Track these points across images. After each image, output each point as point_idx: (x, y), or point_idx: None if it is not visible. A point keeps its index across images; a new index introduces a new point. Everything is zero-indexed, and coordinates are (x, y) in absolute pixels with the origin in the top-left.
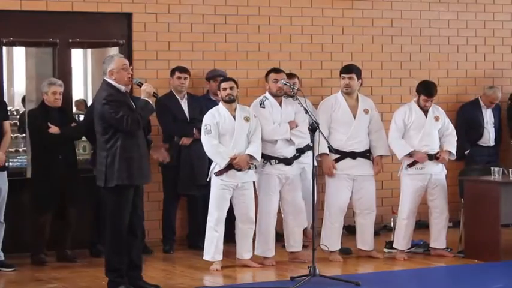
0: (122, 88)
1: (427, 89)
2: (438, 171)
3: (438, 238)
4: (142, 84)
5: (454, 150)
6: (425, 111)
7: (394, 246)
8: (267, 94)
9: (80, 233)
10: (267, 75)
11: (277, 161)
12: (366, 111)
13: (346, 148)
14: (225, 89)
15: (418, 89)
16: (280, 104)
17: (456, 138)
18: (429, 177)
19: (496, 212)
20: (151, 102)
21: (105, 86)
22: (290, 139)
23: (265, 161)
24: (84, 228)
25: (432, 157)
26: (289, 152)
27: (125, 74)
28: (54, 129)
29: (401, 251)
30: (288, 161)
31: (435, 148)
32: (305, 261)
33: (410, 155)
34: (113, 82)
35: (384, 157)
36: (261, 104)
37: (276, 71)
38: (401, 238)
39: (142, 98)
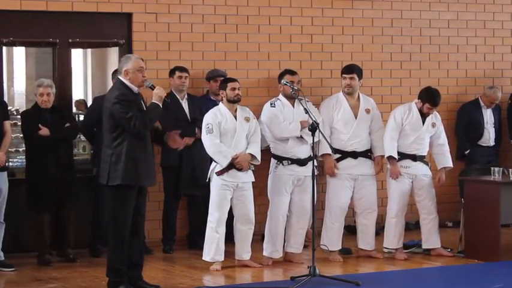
0: (135, 89)
1: (432, 99)
2: (423, 173)
3: (429, 239)
4: (155, 88)
5: (451, 163)
6: (424, 117)
7: (384, 245)
8: (280, 96)
9: (80, 233)
10: (280, 76)
11: (289, 162)
12: (368, 111)
13: (348, 148)
14: (234, 89)
15: (422, 96)
16: (293, 105)
17: (449, 149)
18: (414, 177)
19: (496, 212)
20: (161, 106)
21: (118, 85)
22: (302, 137)
23: (278, 162)
24: (84, 228)
25: (416, 158)
26: (302, 152)
27: (139, 75)
28: (44, 131)
29: (400, 250)
30: (301, 162)
31: (423, 151)
32: (303, 263)
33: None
34: (127, 82)
35: (383, 157)
36: (271, 104)
37: (292, 72)
38: (392, 236)
39: (153, 101)
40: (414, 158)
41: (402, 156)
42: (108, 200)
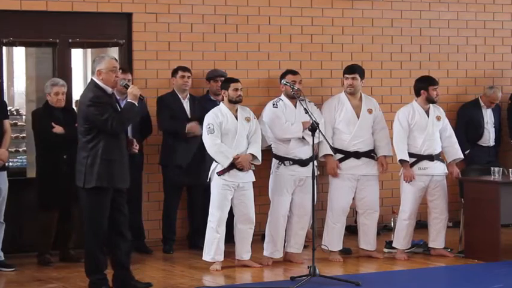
0: (109, 90)
1: (429, 80)
2: (440, 172)
3: (436, 238)
4: (129, 87)
5: (461, 154)
6: (427, 111)
7: (393, 245)
8: (282, 96)
9: (80, 233)
10: (282, 76)
11: (291, 162)
12: (370, 111)
13: (350, 148)
14: (236, 89)
15: (421, 85)
16: (295, 105)
17: (456, 140)
18: (430, 178)
19: (496, 212)
20: (136, 105)
21: (92, 87)
22: (303, 138)
23: (280, 162)
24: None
25: (433, 158)
26: (304, 152)
27: (112, 75)
28: (58, 129)
29: (401, 250)
30: (303, 163)
31: (437, 149)
32: (302, 263)
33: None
34: (100, 83)
35: (386, 157)
36: (274, 105)
37: (293, 72)
38: (402, 238)
39: (128, 100)
40: (431, 158)
41: (418, 158)
42: (84, 202)
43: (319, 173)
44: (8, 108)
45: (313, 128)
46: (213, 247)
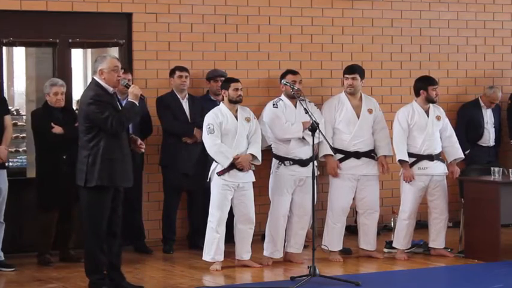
0: (110, 89)
1: (429, 80)
2: (440, 172)
3: (437, 238)
4: (130, 86)
5: (462, 154)
6: (427, 111)
7: (394, 245)
8: (282, 96)
9: (80, 233)
10: (282, 76)
11: (291, 162)
12: (370, 111)
13: (351, 148)
14: (236, 89)
15: (421, 85)
16: (295, 105)
17: (457, 140)
18: (430, 178)
19: (496, 212)
20: (137, 104)
21: (94, 86)
22: (303, 138)
23: (280, 163)
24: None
25: (433, 158)
26: (304, 152)
27: (114, 75)
28: (57, 129)
29: (401, 250)
30: (303, 163)
31: (437, 148)
32: (302, 263)
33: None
34: (101, 82)
35: (386, 157)
36: (274, 105)
37: (293, 72)
38: (402, 238)
39: (128, 99)
40: (431, 157)
41: (418, 158)
42: (84, 201)
43: (319, 173)
44: (9, 108)
45: (313, 128)
46: (213, 247)
